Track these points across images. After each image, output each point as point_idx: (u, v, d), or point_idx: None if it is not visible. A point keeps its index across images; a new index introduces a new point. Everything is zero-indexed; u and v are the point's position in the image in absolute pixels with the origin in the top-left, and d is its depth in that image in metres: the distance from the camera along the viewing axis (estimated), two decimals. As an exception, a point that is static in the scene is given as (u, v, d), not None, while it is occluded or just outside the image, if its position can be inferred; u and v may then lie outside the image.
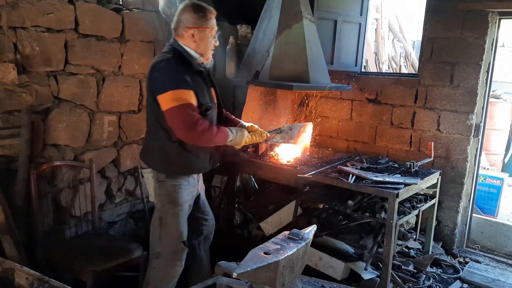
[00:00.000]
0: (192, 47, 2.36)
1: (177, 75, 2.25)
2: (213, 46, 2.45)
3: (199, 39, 2.35)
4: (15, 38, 2.67)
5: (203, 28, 2.34)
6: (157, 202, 2.48)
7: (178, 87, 2.22)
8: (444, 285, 3.41)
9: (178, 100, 2.20)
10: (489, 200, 4.74)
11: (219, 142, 2.40)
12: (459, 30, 3.72)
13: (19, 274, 2.12)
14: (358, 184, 3.00)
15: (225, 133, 2.41)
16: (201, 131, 2.25)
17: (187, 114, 2.21)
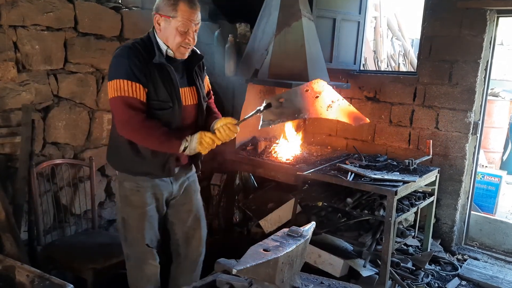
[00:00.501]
0: (159, 36, 2.10)
1: (125, 64, 2.01)
2: (184, 41, 2.08)
3: (163, 29, 2.07)
4: (15, 36, 2.68)
5: (166, 17, 2.03)
6: (118, 204, 2.32)
7: (121, 77, 1.99)
8: (442, 282, 3.42)
9: (118, 90, 1.99)
10: (487, 197, 4.75)
11: (160, 148, 2.11)
12: (458, 28, 3.73)
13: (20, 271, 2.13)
14: (357, 181, 3.01)
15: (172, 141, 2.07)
16: (133, 129, 2.03)
17: (122, 108, 2.00)
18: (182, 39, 2.06)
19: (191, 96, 2.26)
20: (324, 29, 4.10)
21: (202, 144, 2.09)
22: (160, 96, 2.09)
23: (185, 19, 2.03)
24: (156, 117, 2.10)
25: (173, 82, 2.13)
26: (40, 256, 2.68)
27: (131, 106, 1.99)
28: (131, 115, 1.99)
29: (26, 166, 2.71)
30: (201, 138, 2.09)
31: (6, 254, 2.35)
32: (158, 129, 2.05)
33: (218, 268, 2.13)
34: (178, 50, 2.10)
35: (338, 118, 1.98)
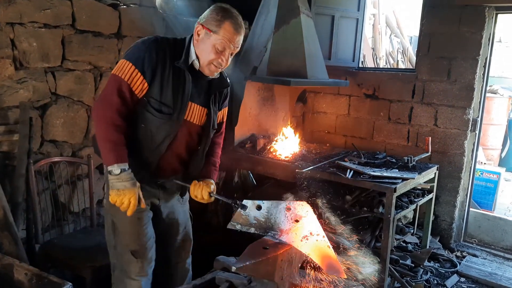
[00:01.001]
0: (195, 46, 1.95)
1: (140, 51, 1.89)
2: (216, 61, 1.94)
3: (201, 41, 1.92)
4: (12, 33, 2.66)
5: (207, 30, 1.89)
6: (108, 204, 2.05)
7: (129, 59, 1.87)
8: (441, 279, 3.43)
9: (118, 69, 1.86)
10: (486, 194, 4.76)
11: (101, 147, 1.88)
12: (456, 25, 3.73)
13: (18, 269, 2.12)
14: (356, 179, 3.01)
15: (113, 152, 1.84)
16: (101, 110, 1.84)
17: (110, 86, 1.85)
18: (216, 57, 1.92)
19: (199, 115, 2.07)
20: (322, 26, 4.09)
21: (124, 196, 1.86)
22: (163, 98, 1.93)
23: (226, 39, 1.90)
24: (152, 118, 1.94)
25: (184, 91, 1.97)
26: (39, 255, 2.67)
27: (119, 90, 1.84)
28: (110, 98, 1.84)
29: (24, 164, 2.69)
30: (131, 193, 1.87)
31: (4, 253, 2.34)
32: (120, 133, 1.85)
33: (217, 265, 2.13)
34: (208, 67, 1.96)
35: (309, 255, 1.65)
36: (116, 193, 1.84)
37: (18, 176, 2.69)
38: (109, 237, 2.13)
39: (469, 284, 3.42)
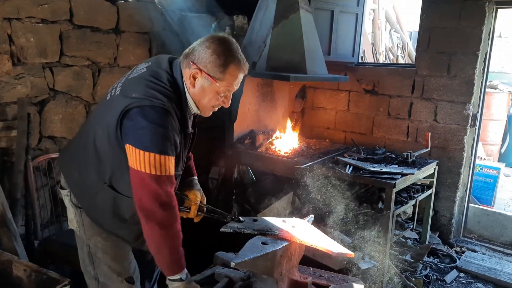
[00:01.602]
0: (190, 92, 1.68)
1: (168, 135, 1.58)
2: (217, 105, 1.74)
3: (200, 87, 1.65)
4: (10, 29, 2.65)
5: (212, 79, 1.62)
6: (82, 233, 1.85)
7: (164, 153, 1.56)
8: (441, 274, 3.44)
9: (159, 168, 1.55)
10: (485, 190, 4.76)
11: (159, 259, 1.65)
12: (456, 20, 3.71)
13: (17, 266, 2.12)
14: (355, 174, 3.00)
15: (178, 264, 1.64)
16: (167, 216, 1.59)
17: (162, 189, 1.57)
18: (218, 102, 1.71)
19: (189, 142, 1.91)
20: (322, 21, 4.07)
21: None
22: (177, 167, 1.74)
23: (231, 84, 1.66)
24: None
25: (185, 146, 1.81)
26: (38, 251, 2.67)
27: (170, 186, 1.61)
28: (170, 199, 1.60)
29: (22, 160, 2.69)
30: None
31: (3, 249, 2.34)
32: (179, 238, 1.65)
33: (216, 261, 2.12)
34: (210, 109, 1.75)
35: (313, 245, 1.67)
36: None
37: (16, 172, 2.68)
38: (87, 269, 1.90)
39: (469, 279, 3.43)
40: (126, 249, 1.88)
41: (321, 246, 1.64)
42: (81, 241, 1.89)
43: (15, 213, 2.65)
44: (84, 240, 1.85)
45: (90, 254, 1.85)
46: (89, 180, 1.75)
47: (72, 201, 1.83)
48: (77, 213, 1.82)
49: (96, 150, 1.70)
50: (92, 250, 1.84)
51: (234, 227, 1.73)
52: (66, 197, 1.85)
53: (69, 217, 1.90)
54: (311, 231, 1.78)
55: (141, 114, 1.56)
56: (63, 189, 1.87)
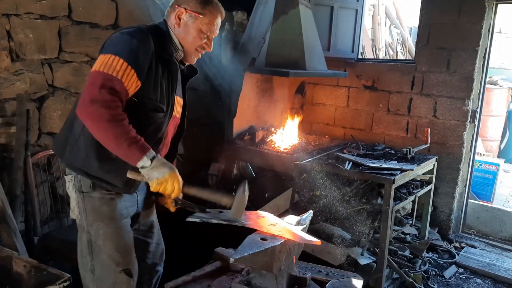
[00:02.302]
0: (176, 32, 1.80)
1: (133, 45, 1.63)
2: (201, 47, 1.84)
3: (184, 25, 1.78)
4: (8, 25, 2.64)
5: (196, 14, 1.77)
6: (82, 220, 1.81)
7: (120, 55, 1.59)
8: (440, 269, 3.45)
9: (107, 66, 1.56)
10: (485, 185, 4.77)
11: (116, 149, 1.59)
12: (456, 15, 3.70)
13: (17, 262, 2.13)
14: (354, 170, 3.00)
15: (141, 146, 1.59)
16: (99, 112, 1.52)
17: (99, 85, 1.53)
18: (202, 42, 1.82)
19: (179, 107, 1.95)
20: (321, 17, 4.06)
21: (166, 183, 1.64)
22: (157, 97, 1.74)
23: (212, 21, 1.80)
24: (144, 119, 1.72)
25: (173, 86, 1.82)
26: (37, 247, 2.67)
27: (112, 88, 1.55)
28: (105, 96, 1.53)
29: (21, 156, 2.69)
30: (174, 177, 1.65)
31: (3, 245, 2.34)
32: (127, 125, 1.58)
33: (216, 257, 2.13)
34: (194, 53, 1.85)
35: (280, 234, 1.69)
36: (157, 183, 1.63)
37: (16, 169, 2.68)
38: (84, 260, 1.84)
39: (467, 274, 3.44)
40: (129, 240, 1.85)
41: (288, 235, 1.68)
42: (81, 230, 1.85)
43: (15, 210, 2.65)
44: (85, 227, 1.81)
45: (90, 243, 1.81)
46: (70, 129, 1.76)
47: (75, 185, 1.79)
48: (80, 198, 1.79)
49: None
50: (93, 237, 1.80)
51: (201, 217, 1.73)
52: (70, 183, 1.81)
53: (71, 206, 1.86)
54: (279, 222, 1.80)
55: (116, 33, 1.71)
56: (67, 175, 1.84)
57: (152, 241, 2.07)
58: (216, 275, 1.97)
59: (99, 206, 1.78)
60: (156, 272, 2.11)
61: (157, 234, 2.11)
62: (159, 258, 2.12)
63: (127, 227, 1.86)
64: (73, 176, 1.79)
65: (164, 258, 2.16)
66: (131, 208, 1.90)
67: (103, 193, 1.78)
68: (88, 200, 1.78)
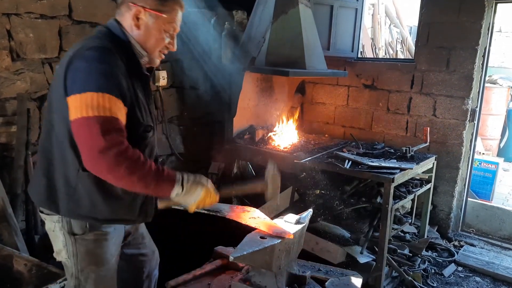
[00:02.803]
0: (135, 36, 1.60)
1: (109, 73, 1.45)
2: (164, 47, 1.67)
3: (145, 27, 1.59)
4: (9, 24, 2.65)
5: (156, 13, 1.58)
6: (71, 265, 1.66)
7: (103, 90, 1.41)
8: (439, 268, 3.46)
9: (97, 108, 1.39)
10: (484, 184, 4.78)
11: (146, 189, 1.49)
12: (456, 14, 3.70)
13: (17, 260, 2.14)
14: (354, 169, 3.01)
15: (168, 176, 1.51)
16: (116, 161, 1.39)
17: (99, 131, 1.38)
18: (165, 43, 1.65)
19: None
20: (321, 16, 4.06)
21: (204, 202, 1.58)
22: (142, 115, 1.60)
23: (174, 18, 1.63)
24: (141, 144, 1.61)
25: (149, 99, 1.69)
26: (38, 245, 2.69)
27: (114, 130, 1.41)
28: (112, 141, 1.39)
29: (22, 155, 2.70)
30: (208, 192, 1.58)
31: (4, 244, 2.35)
32: (145, 161, 1.47)
33: (216, 255, 2.14)
34: (158, 55, 1.68)
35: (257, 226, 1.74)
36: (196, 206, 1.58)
37: (16, 168, 2.69)
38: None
39: (467, 273, 3.45)
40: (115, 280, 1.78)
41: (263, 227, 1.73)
42: (68, 274, 1.71)
43: (16, 208, 2.66)
44: (74, 272, 1.67)
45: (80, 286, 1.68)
46: (63, 180, 1.57)
47: (64, 227, 1.62)
48: (69, 242, 1.63)
49: (59, 143, 1.55)
50: (82, 283, 1.67)
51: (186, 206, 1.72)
52: (57, 224, 1.62)
53: (56, 249, 1.70)
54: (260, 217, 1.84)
55: (79, 59, 1.46)
56: (50, 215, 1.63)
57: (146, 250, 2.01)
58: (217, 273, 1.98)
59: (94, 248, 1.65)
60: (154, 277, 2.08)
61: (149, 243, 2.05)
62: (155, 263, 2.08)
63: (115, 266, 1.77)
64: (60, 217, 1.61)
65: (158, 261, 2.12)
66: (121, 237, 1.80)
67: (98, 234, 1.64)
68: (81, 243, 1.63)
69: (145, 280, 2.02)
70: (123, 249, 1.86)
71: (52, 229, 1.65)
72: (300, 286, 1.80)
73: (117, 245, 1.76)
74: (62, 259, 1.70)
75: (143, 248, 1.99)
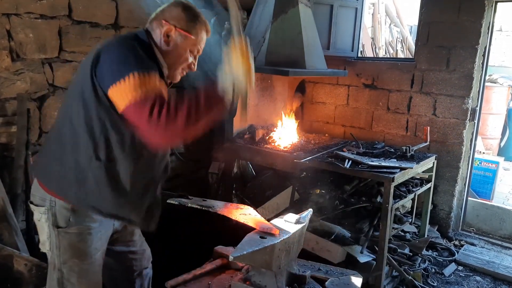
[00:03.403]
0: (163, 49, 1.67)
1: (139, 55, 1.53)
2: (188, 66, 1.75)
3: (174, 45, 1.67)
4: (9, 25, 2.65)
5: (186, 33, 1.67)
6: (54, 257, 1.69)
7: (142, 69, 1.46)
8: (439, 267, 3.46)
9: (145, 88, 1.44)
10: (484, 183, 4.77)
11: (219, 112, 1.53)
12: (456, 13, 3.70)
13: (18, 260, 2.14)
14: (354, 169, 3.01)
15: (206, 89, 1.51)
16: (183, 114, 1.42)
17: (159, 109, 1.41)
18: (188, 62, 1.73)
19: None
20: (321, 16, 4.06)
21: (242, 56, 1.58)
22: None
23: (200, 40, 1.72)
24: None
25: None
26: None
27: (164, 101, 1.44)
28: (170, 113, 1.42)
29: (22, 155, 2.70)
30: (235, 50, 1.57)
31: (4, 244, 2.35)
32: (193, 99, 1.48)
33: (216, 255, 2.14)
34: (180, 72, 1.76)
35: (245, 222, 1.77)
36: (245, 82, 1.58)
37: (16, 168, 2.70)
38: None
39: (467, 272, 3.45)
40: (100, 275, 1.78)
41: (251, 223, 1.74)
42: (51, 267, 1.72)
43: (16, 208, 2.67)
44: (56, 264, 1.69)
45: (61, 281, 1.70)
46: (74, 165, 1.60)
47: (49, 219, 1.65)
48: (53, 234, 1.66)
49: (73, 129, 1.59)
50: (65, 275, 1.68)
51: (180, 200, 1.78)
52: (43, 215, 1.66)
53: (41, 239, 1.73)
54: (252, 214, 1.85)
55: (107, 52, 1.53)
56: (38, 206, 1.68)
57: (136, 248, 2.00)
58: (217, 273, 1.98)
59: (77, 242, 1.66)
60: (146, 275, 2.07)
61: (139, 239, 2.03)
62: (147, 262, 2.07)
63: (100, 261, 1.77)
64: (47, 209, 1.65)
65: (151, 260, 2.11)
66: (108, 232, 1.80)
67: (82, 228, 1.66)
68: (64, 236, 1.65)
69: (137, 278, 2.01)
70: (111, 246, 1.86)
71: (39, 219, 1.70)
72: (300, 285, 1.79)
73: (102, 240, 1.76)
74: (45, 251, 1.73)
75: (133, 246, 1.98)
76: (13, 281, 2.12)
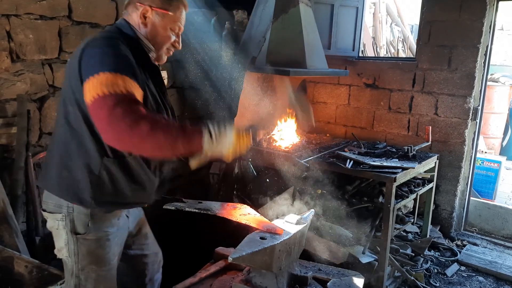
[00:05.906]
0: (143, 33, 1.67)
1: (121, 56, 1.50)
2: (171, 45, 1.74)
3: (152, 25, 1.66)
4: (8, 25, 2.65)
5: (163, 11, 1.65)
6: (72, 263, 1.68)
7: (117, 71, 1.42)
8: (442, 267, 3.44)
9: (113, 86, 1.38)
10: (486, 183, 4.75)
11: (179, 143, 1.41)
12: (457, 12, 3.69)
13: (18, 262, 2.13)
14: (356, 169, 3.00)
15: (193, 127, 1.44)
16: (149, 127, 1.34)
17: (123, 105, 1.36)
18: (172, 40, 1.72)
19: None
20: (322, 15, 4.05)
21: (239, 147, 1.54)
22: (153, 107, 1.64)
23: (179, 17, 1.71)
24: None
25: (163, 90, 1.75)
26: (39, 247, 2.68)
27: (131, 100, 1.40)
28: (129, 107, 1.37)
29: (22, 156, 2.69)
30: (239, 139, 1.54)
31: (5, 245, 2.35)
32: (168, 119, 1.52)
33: (216, 257, 2.13)
34: (166, 52, 1.75)
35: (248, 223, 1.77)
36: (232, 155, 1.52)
37: (17, 169, 2.69)
38: None
39: (469, 272, 3.43)
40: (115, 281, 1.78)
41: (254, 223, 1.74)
42: (68, 274, 1.72)
43: (16, 210, 2.66)
44: (74, 271, 1.68)
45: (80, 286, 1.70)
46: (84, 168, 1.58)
47: (67, 226, 1.64)
48: (71, 240, 1.65)
49: (76, 133, 1.57)
50: (82, 282, 1.69)
51: (175, 205, 1.79)
52: (60, 222, 1.65)
53: (57, 246, 1.71)
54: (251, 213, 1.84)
55: (90, 47, 1.52)
56: (53, 213, 1.66)
57: (149, 252, 2.00)
58: (222, 275, 1.97)
59: (95, 248, 1.66)
60: (156, 280, 2.07)
61: (153, 243, 2.04)
62: (158, 266, 2.07)
63: (115, 266, 1.77)
64: (64, 215, 1.64)
65: (162, 263, 2.11)
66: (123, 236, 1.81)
67: (100, 234, 1.66)
68: (82, 243, 1.65)
69: (148, 284, 2.01)
70: (126, 250, 1.86)
71: (56, 227, 1.67)
72: (301, 286, 1.79)
73: (119, 245, 1.77)
74: (63, 257, 1.71)
75: (146, 249, 1.99)
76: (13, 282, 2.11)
